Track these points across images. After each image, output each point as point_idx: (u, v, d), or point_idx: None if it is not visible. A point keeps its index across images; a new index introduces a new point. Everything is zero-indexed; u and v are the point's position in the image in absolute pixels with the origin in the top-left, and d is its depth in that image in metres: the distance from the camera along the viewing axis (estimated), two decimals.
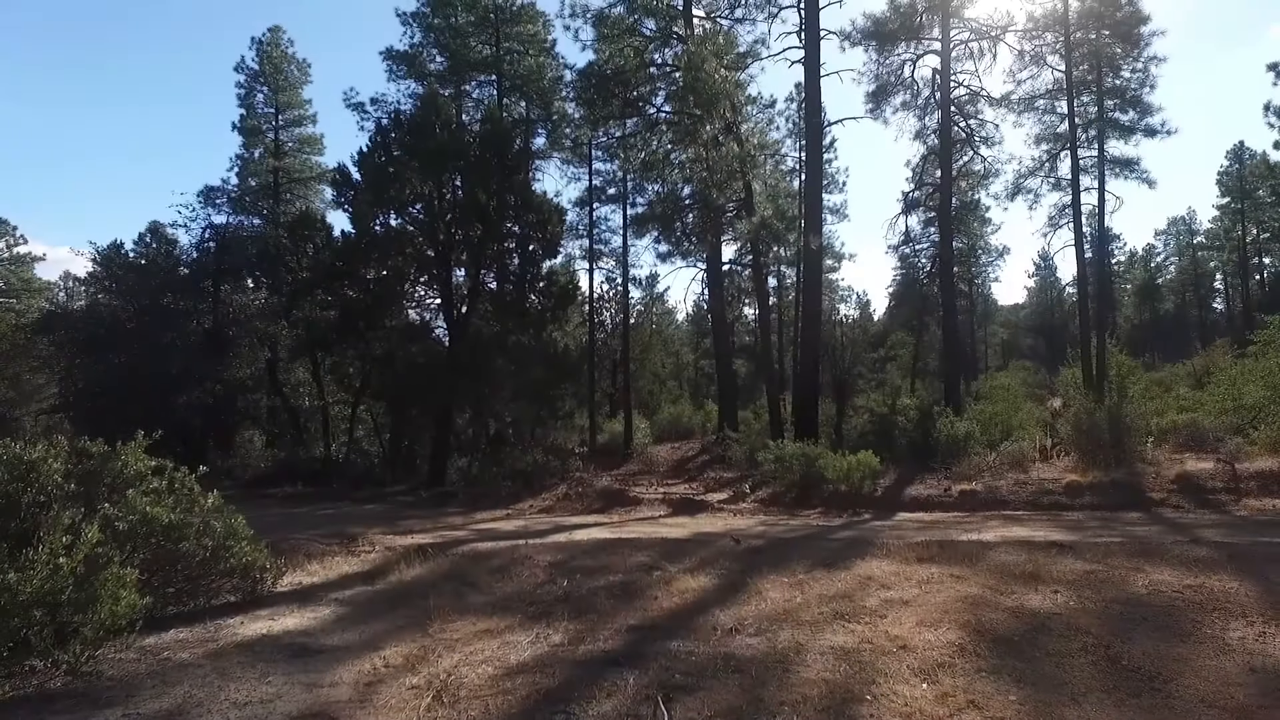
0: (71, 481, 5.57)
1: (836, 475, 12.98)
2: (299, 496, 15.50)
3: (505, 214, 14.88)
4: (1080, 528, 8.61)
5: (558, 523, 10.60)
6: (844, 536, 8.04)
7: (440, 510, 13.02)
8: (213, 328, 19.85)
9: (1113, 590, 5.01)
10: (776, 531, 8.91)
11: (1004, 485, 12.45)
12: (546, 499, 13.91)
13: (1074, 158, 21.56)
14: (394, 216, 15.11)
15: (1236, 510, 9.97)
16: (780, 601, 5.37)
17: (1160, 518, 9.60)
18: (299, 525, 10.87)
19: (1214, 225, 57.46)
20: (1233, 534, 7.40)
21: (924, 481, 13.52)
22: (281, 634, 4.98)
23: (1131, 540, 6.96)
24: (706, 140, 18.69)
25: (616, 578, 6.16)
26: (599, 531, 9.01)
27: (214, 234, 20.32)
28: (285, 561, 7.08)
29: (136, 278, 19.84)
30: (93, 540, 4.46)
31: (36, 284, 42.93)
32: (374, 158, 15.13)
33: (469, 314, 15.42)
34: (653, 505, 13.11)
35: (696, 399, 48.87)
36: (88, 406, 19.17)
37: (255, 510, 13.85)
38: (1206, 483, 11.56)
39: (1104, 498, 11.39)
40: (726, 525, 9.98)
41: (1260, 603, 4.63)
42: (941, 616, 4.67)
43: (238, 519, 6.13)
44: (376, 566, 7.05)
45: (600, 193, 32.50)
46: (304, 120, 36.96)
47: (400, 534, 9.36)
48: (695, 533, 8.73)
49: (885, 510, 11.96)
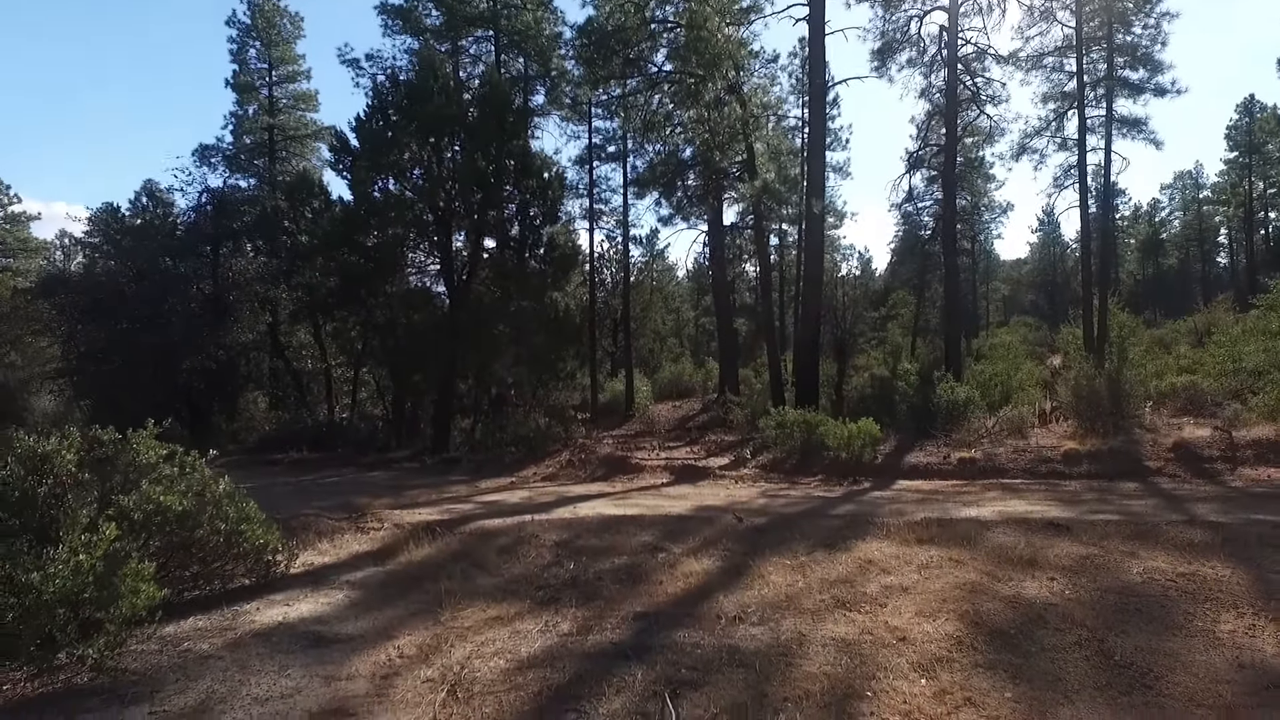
0: (85, 471, 5.67)
1: (837, 443, 13.11)
2: (304, 463, 15.65)
3: (505, 180, 14.71)
4: (1077, 501, 8.75)
5: (561, 493, 10.74)
6: (844, 512, 8.17)
7: (445, 478, 13.17)
8: (213, 292, 19.81)
9: (1108, 578, 5.12)
10: (778, 505, 9.05)
11: (1003, 453, 12.59)
12: (550, 466, 14.07)
13: (1081, 116, 21.26)
14: (393, 182, 14.94)
15: (1232, 481, 10.10)
16: (782, 586, 5.50)
17: (1157, 489, 9.73)
18: (307, 496, 11.03)
19: (1221, 179, 56.86)
20: (1227, 510, 7.52)
21: (923, 448, 13.65)
22: (297, 621, 5.12)
23: (1127, 519, 7.08)
24: (709, 101, 18.39)
25: (622, 560, 6.29)
26: (603, 505, 9.14)
27: (210, 197, 20.11)
28: (297, 541, 7.23)
29: (134, 242, 19.73)
30: (111, 536, 4.56)
31: (33, 243, 42.65)
32: (372, 122, 14.90)
33: (470, 280, 15.36)
34: (655, 473, 13.26)
35: (697, 356, 49.02)
36: (91, 372, 19.26)
37: (262, 478, 14.12)
38: (1203, 451, 11.68)
39: (1101, 466, 11.52)
40: (728, 496, 10.13)
41: (1251, 593, 4.75)
42: (940, 606, 4.79)
43: (249, 504, 6.22)
44: (386, 545, 7.19)
45: (600, 150, 32.11)
46: (298, 76, 36.29)
47: (407, 507, 9.51)
48: (698, 506, 8.87)
49: (885, 478, 12.11)
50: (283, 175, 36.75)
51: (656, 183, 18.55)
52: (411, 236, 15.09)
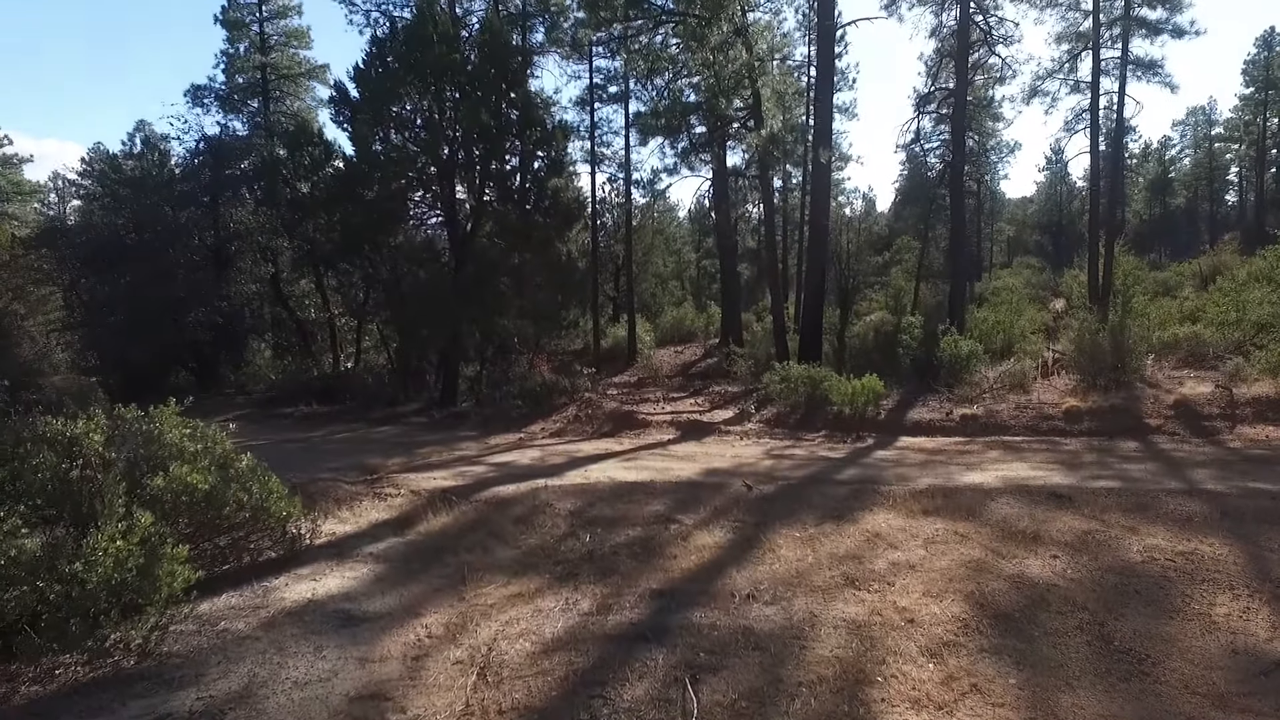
0: (111, 449, 5.82)
1: (841, 399, 13.26)
2: (313, 417, 15.84)
3: (509, 131, 14.49)
4: (1078, 464, 8.92)
5: (571, 453, 10.93)
6: (850, 476, 8.35)
7: (454, 434, 13.36)
8: (214, 243, 19.70)
9: (1109, 556, 5.30)
10: (784, 468, 9.23)
11: (1005, 409, 12.75)
12: (557, 421, 14.25)
13: (1096, 57, 20.76)
14: (395, 134, 14.71)
15: (1231, 441, 10.27)
16: (793, 560, 5.69)
17: (1156, 449, 9.91)
18: (320, 456, 11.20)
19: (1234, 115, 55.78)
20: (1225, 477, 7.69)
21: (926, 404, 13.82)
22: (326, 599, 5.32)
23: (1127, 486, 7.25)
24: (714, 45, 17.95)
25: (635, 531, 6.48)
26: (613, 468, 9.33)
27: (208, 145, 19.79)
28: (317, 509, 7.43)
29: (132, 193, 19.49)
30: (147, 524, 4.72)
31: (27, 186, 42.09)
32: (371, 71, 14.57)
33: (474, 234, 15.27)
34: (661, 428, 13.46)
35: (699, 300, 48.91)
36: (97, 326, 19.31)
37: (273, 432, 14.32)
38: (1204, 409, 11.84)
39: (1102, 423, 11.70)
40: (735, 456, 10.32)
41: (1246, 574, 4.93)
42: (946, 586, 4.98)
43: (271, 479, 6.36)
44: (404, 514, 7.39)
45: (601, 90, 31.37)
46: (289, 11, 35.19)
47: (420, 470, 9.69)
48: (706, 470, 9.05)
49: (888, 434, 12.29)
50: (278, 115, 36.13)
51: (660, 130, 18.23)
52: (414, 189, 14.93)
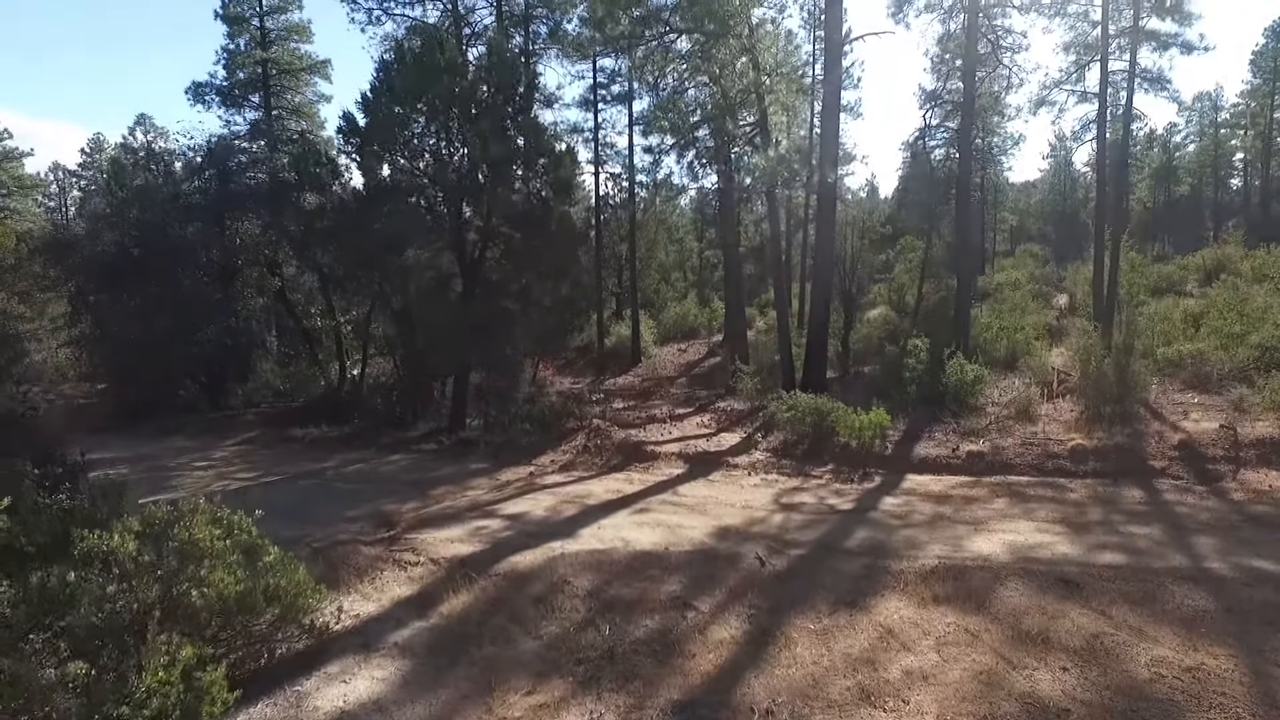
0: (145, 552, 5.96)
1: (848, 432, 13.40)
2: (323, 442, 15.98)
3: (516, 160, 14.49)
4: (1083, 523, 9.09)
5: (582, 497, 11.08)
6: (859, 543, 8.50)
7: (465, 467, 13.50)
8: (221, 259, 19.73)
9: (1117, 671, 5.45)
10: (794, 526, 9.38)
11: (1010, 446, 12.87)
12: (566, 450, 14.40)
13: (1104, 68, 20.62)
14: (403, 162, 14.72)
15: (1234, 491, 10.40)
16: (809, 663, 5.86)
17: (1160, 502, 10.06)
18: (336, 500, 11.36)
19: (1241, 100, 55.44)
20: (1229, 550, 7.84)
21: (932, 435, 13.95)
22: (358, 709, 5.49)
23: (1133, 565, 7.41)
24: (722, 62, 17.88)
25: (653, 622, 6.63)
26: (625, 523, 9.48)
27: (213, 159, 19.72)
28: (340, 582, 7.61)
29: (138, 208, 19.44)
30: (189, 657, 4.87)
31: (28, 181, 41.94)
32: (379, 99, 14.56)
33: (482, 261, 15.33)
34: (669, 460, 13.61)
35: (701, 291, 48.95)
36: (104, 341, 19.40)
37: (286, 462, 14.49)
38: (1207, 449, 11.96)
39: (1107, 464, 11.84)
40: (745, 505, 10.47)
41: (1251, 697, 5.08)
42: (960, 706, 5.14)
43: (299, 571, 6.49)
44: (425, 589, 7.55)
45: (605, 89, 31.25)
46: (290, 6, 34.98)
47: (435, 522, 9.85)
48: (718, 529, 9.20)
49: (895, 471, 12.46)
50: (279, 110, 35.94)
51: (666, 151, 18.22)
52: (423, 217, 14.95)
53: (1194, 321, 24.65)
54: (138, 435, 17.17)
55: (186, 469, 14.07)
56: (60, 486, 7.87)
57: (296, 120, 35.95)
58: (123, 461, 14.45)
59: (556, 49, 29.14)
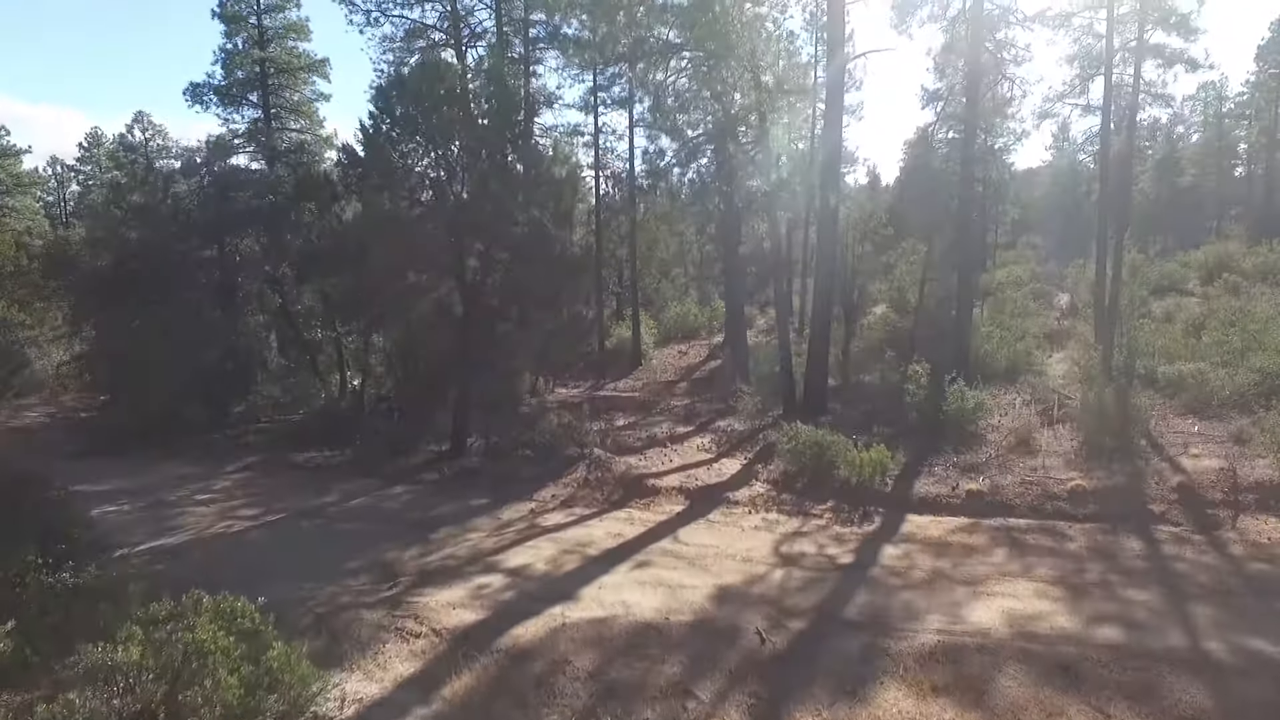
0: (148, 659, 6.01)
1: (849, 468, 13.42)
2: (326, 470, 15.97)
3: (516, 192, 14.41)
4: (1081, 585, 9.14)
5: (583, 546, 11.10)
6: (859, 611, 8.55)
7: (466, 503, 13.49)
8: (222, 278, 19.68)
9: None
10: (794, 585, 9.44)
11: (1009, 485, 12.89)
12: (567, 484, 14.41)
13: (1108, 81, 20.47)
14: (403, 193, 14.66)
15: (1233, 544, 10.43)
16: None
17: (1160, 557, 10.10)
18: (338, 546, 11.38)
19: (1246, 89, 54.96)
20: (1227, 625, 7.89)
21: (932, 471, 13.95)
22: None
23: (1131, 645, 7.46)
24: (724, 81, 17.75)
25: (655, 713, 6.68)
26: (626, 583, 9.53)
27: (214, 179, 19.60)
28: (343, 658, 7.68)
29: (138, 227, 19.33)
30: None
31: (26, 178, 41.74)
32: (378, 126, 14.46)
33: (482, 290, 15.30)
34: (670, 496, 13.64)
35: (702, 288, 48.88)
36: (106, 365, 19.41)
37: (288, 493, 14.47)
38: (1206, 493, 11.99)
39: (1106, 507, 11.88)
40: (745, 558, 10.50)
41: None
42: None
43: (303, 666, 6.52)
44: (428, 666, 7.61)
45: (605, 90, 30.96)
46: (287, 4, 34.61)
47: (437, 578, 9.91)
48: (718, 590, 9.26)
49: (895, 509, 12.50)
50: (277, 109, 35.66)
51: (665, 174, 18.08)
52: (423, 248, 14.89)
53: (1195, 330, 24.62)
54: (138, 458, 17.17)
55: (188, 503, 14.10)
56: (64, 564, 7.92)
57: (295, 119, 35.76)
58: (122, 494, 14.50)
59: (556, 52, 28.93)
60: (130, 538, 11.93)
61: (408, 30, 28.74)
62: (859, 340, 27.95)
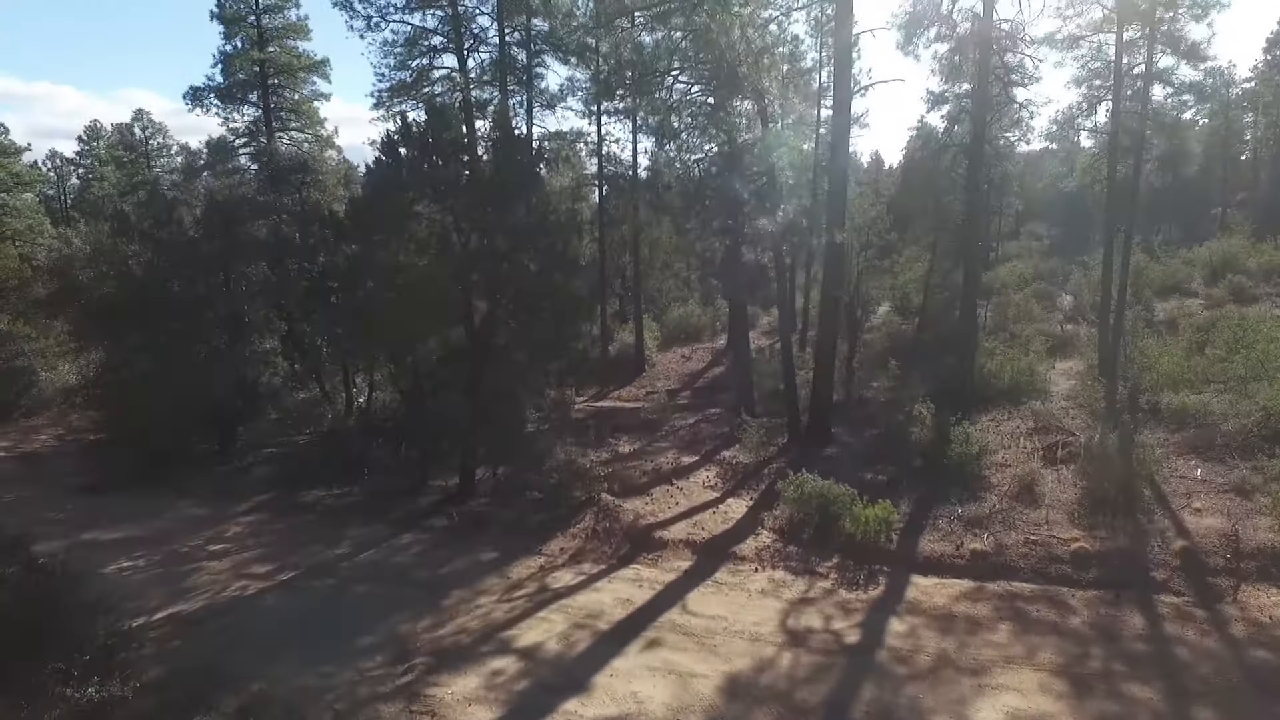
0: None
1: (854, 525, 13.56)
2: (335, 514, 16.09)
3: (523, 244, 14.40)
4: (1084, 674, 9.31)
5: (594, 620, 11.26)
6: (865, 711, 8.72)
7: (475, 557, 13.69)
8: (228, 308, 19.70)
9: None
10: (802, 674, 9.60)
11: (1013, 545, 13.01)
12: (575, 536, 14.54)
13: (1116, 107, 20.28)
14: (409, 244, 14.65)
15: (1235, 623, 10.57)
16: None
17: (1162, 640, 10.25)
18: (348, 619, 11.55)
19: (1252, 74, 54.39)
20: None
21: (936, 524, 14.06)
22: None
23: None
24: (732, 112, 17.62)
25: None
26: (637, 669, 9.71)
27: (217, 208, 19.48)
28: None
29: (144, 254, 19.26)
30: None
31: (25, 176, 41.43)
32: (382, 175, 14.44)
33: (489, 340, 15.36)
34: (677, 552, 13.79)
35: (705, 285, 48.62)
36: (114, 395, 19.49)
37: (298, 546, 14.56)
38: (1209, 558, 12.12)
39: (1108, 573, 12.04)
40: (752, 636, 10.67)
41: None
42: None
43: None
44: None
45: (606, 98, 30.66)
46: (286, 4, 34.17)
47: (450, 659, 10.11)
48: (728, 678, 9.44)
49: (900, 571, 12.68)
50: (279, 109, 35.32)
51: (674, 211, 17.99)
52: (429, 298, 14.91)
53: (1199, 346, 24.49)
54: (147, 497, 17.33)
55: (201, 555, 14.28)
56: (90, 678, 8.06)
57: (296, 119, 35.48)
58: (135, 544, 14.67)
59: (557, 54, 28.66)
60: (147, 602, 12.15)
61: (408, 36, 28.43)
62: (863, 350, 28.00)
